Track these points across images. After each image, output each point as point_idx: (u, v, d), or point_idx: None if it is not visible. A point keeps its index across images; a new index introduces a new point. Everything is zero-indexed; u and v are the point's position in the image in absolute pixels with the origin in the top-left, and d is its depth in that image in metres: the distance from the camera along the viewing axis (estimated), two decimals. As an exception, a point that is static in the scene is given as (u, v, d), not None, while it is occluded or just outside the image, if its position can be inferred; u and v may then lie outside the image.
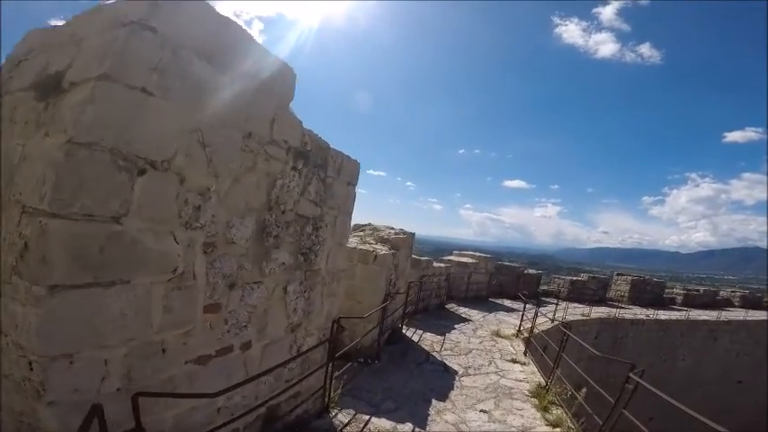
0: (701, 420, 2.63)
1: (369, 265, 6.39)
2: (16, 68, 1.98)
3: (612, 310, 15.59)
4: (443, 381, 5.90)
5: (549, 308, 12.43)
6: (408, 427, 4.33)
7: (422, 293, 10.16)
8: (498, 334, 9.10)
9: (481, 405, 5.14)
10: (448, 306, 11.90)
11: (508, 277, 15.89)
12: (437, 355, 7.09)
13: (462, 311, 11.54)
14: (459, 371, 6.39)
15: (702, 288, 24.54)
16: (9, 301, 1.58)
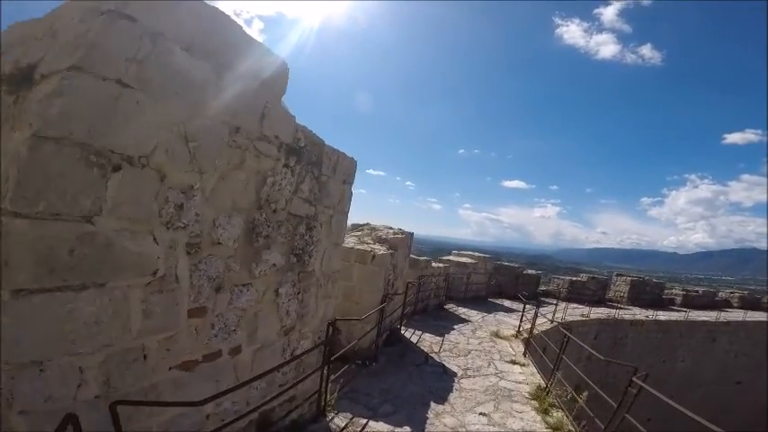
0: (700, 421, 2.60)
1: (366, 266, 6.28)
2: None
3: (612, 310, 15.52)
4: (442, 383, 5.81)
5: (549, 308, 12.34)
6: (406, 430, 4.24)
7: (420, 294, 10.06)
8: (497, 335, 9.01)
9: (480, 408, 5.05)
10: (447, 306, 11.81)
11: (507, 277, 15.81)
12: (436, 357, 7.00)
13: (461, 312, 11.45)
14: (459, 372, 6.30)
15: (701, 289, 24.51)
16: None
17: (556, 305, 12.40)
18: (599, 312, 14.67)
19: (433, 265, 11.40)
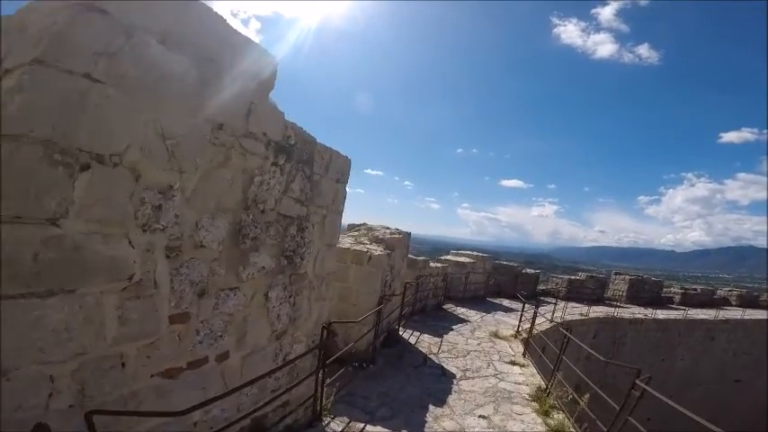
0: (701, 422, 2.56)
1: (363, 267, 6.18)
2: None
3: (611, 309, 15.46)
4: (441, 385, 5.71)
5: (548, 307, 12.27)
6: (403, 435, 4.16)
7: (419, 294, 9.97)
8: (497, 335, 8.93)
9: (480, 410, 4.96)
10: (445, 306, 11.72)
11: (506, 277, 15.72)
12: (434, 358, 6.91)
13: (460, 312, 11.36)
14: (458, 374, 6.21)
15: (700, 287, 24.50)
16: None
17: (555, 304, 12.32)
18: (598, 311, 14.60)
19: (432, 264, 11.31)
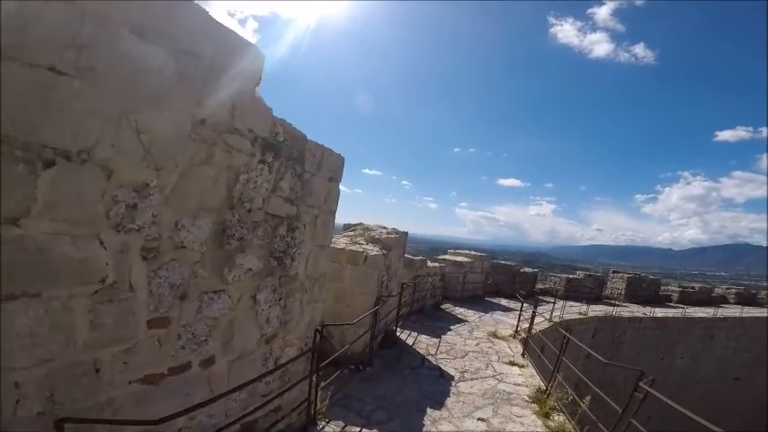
0: (703, 423, 2.54)
1: (359, 267, 6.08)
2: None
3: (609, 308, 15.42)
4: (439, 387, 5.62)
5: (546, 307, 12.20)
6: (400, 440, 4.07)
7: (416, 294, 9.88)
8: (495, 335, 8.85)
9: (479, 413, 4.87)
10: (443, 306, 11.64)
11: (504, 276, 15.65)
12: (432, 359, 6.82)
13: (458, 312, 11.28)
14: (456, 375, 6.12)
15: (698, 285, 24.53)
16: None
17: (553, 303, 12.26)
18: (597, 310, 14.56)
19: (429, 264, 11.22)
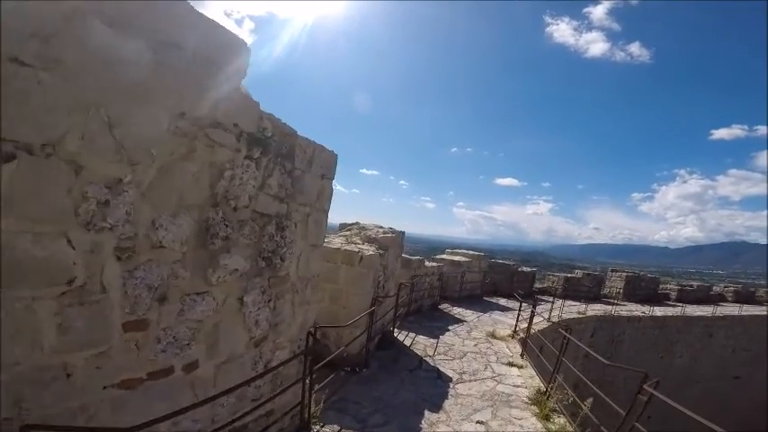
0: (705, 423, 2.50)
1: (354, 267, 5.98)
2: None
3: (608, 307, 15.36)
4: (437, 389, 5.53)
5: (545, 306, 12.13)
6: (397, 444, 3.97)
7: (414, 294, 9.79)
8: (494, 335, 8.76)
9: (477, 415, 4.77)
10: (441, 306, 11.55)
11: (502, 275, 15.57)
12: (430, 360, 6.72)
13: (456, 312, 11.19)
14: (454, 377, 6.03)
15: (696, 283, 24.53)
16: None
17: (552, 303, 12.18)
18: (595, 309, 14.49)
19: (427, 264, 11.13)
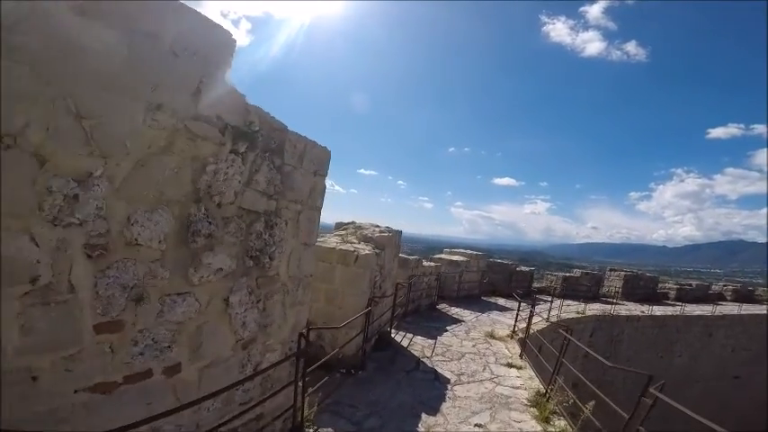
0: (701, 419, 2.49)
1: (350, 267, 5.88)
2: None
3: (607, 306, 15.30)
4: (434, 391, 5.43)
5: (544, 306, 12.06)
6: (392, 449, 3.88)
7: (411, 294, 9.69)
8: (492, 335, 8.67)
9: (476, 418, 4.68)
10: (439, 306, 11.46)
11: (500, 275, 15.49)
12: (428, 362, 6.63)
13: (454, 312, 11.11)
14: (452, 378, 5.93)
15: (695, 282, 24.51)
16: None
17: (551, 302, 12.11)
18: (594, 309, 14.43)
19: (425, 264, 11.05)
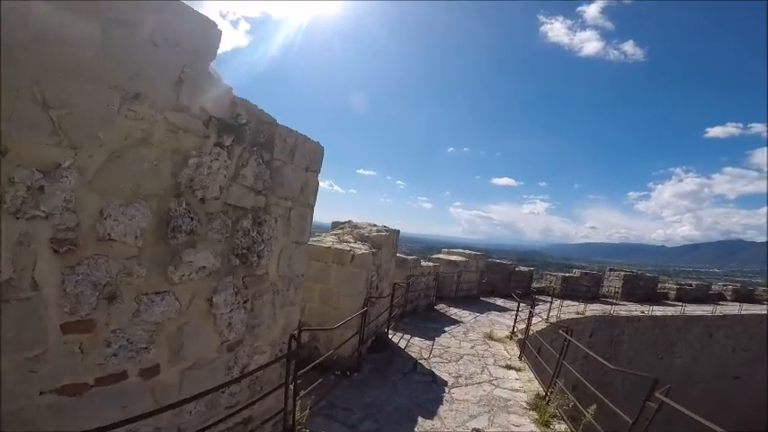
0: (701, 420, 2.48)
1: (345, 267, 5.79)
2: None
3: (607, 306, 15.22)
4: (432, 393, 5.34)
5: (543, 306, 11.97)
6: (387, 454, 3.78)
7: (409, 294, 9.60)
8: (491, 336, 8.58)
9: (474, 422, 4.58)
10: (437, 307, 11.37)
11: (499, 275, 15.40)
12: (425, 363, 6.53)
13: (453, 312, 11.02)
14: (450, 381, 5.84)
15: (695, 282, 24.43)
16: None
17: (550, 303, 12.02)
18: (594, 309, 14.34)
19: (423, 264, 10.96)
